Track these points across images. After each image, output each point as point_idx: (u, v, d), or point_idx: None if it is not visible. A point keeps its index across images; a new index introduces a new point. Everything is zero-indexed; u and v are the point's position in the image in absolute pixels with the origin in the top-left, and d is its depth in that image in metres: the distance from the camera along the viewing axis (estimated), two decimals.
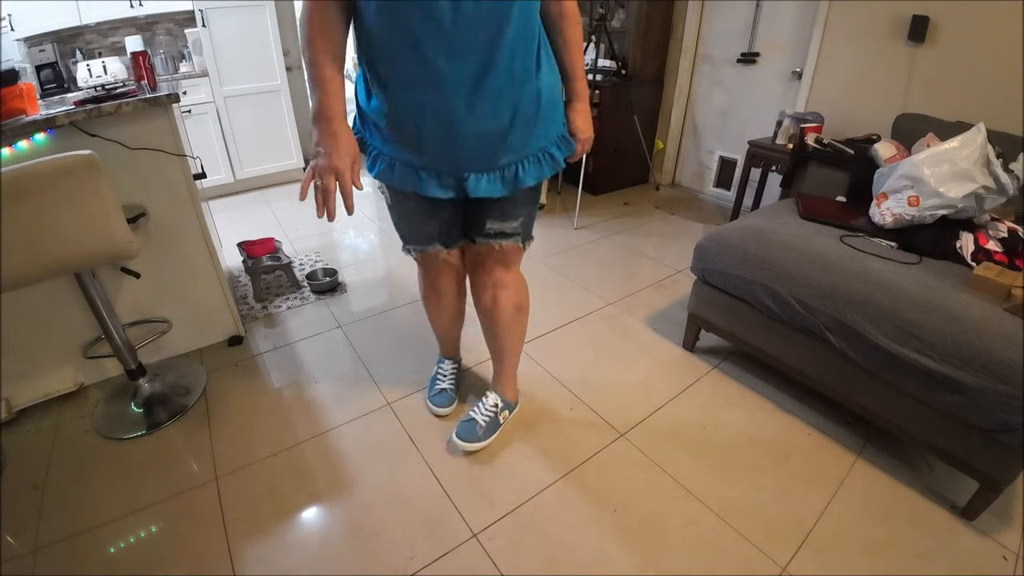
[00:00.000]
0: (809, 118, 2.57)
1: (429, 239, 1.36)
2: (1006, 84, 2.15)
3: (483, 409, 1.56)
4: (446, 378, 1.73)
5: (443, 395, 1.70)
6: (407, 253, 1.43)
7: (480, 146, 1.10)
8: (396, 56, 1.00)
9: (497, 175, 1.15)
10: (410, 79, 1.01)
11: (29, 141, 1.47)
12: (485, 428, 1.54)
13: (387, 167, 1.17)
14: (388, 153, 1.15)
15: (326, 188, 1.03)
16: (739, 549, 1.28)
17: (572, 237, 3.02)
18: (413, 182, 1.16)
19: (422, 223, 1.32)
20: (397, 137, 1.11)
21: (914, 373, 1.34)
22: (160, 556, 1.27)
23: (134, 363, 1.70)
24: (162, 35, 3.61)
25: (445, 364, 1.75)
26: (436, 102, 1.02)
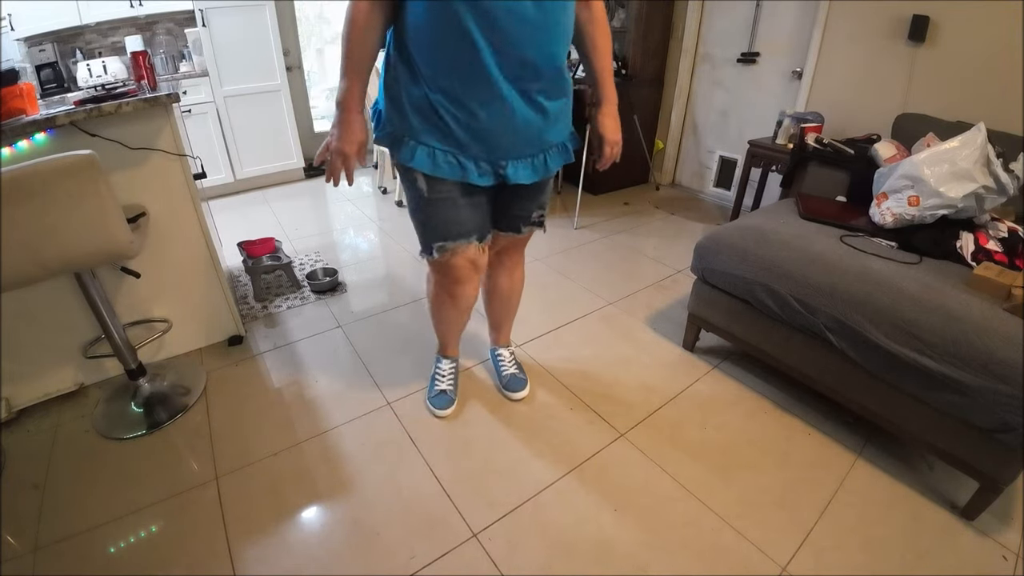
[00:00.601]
0: (809, 118, 2.57)
1: (467, 232, 1.32)
2: (1006, 84, 2.15)
3: (508, 361, 1.80)
4: (445, 379, 1.72)
5: (443, 396, 1.70)
6: (429, 256, 1.35)
7: (523, 136, 1.19)
8: (451, 51, 1.06)
9: (529, 162, 1.25)
10: (465, 72, 1.08)
11: (29, 141, 1.47)
12: (522, 371, 1.80)
13: (428, 157, 1.18)
14: (428, 143, 1.17)
15: (334, 167, 1.17)
16: (739, 549, 1.28)
17: (572, 237, 3.02)
18: (458, 171, 1.20)
19: (462, 215, 1.29)
20: (440, 127, 1.15)
21: (914, 373, 1.34)
22: (160, 556, 1.27)
23: (134, 363, 1.70)
24: (162, 35, 3.61)
25: (444, 364, 1.74)
26: (490, 94, 1.10)
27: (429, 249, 1.34)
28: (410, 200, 1.32)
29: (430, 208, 1.27)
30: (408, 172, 1.24)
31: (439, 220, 1.29)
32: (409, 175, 1.24)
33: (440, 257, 1.34)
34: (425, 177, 1.22)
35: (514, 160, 1.22)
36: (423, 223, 1.32)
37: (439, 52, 1.07)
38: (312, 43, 4.96)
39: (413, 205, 1.31)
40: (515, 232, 1.44)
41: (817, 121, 2.54)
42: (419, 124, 1.16)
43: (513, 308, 1.74)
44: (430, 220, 1.30)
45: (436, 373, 1.74)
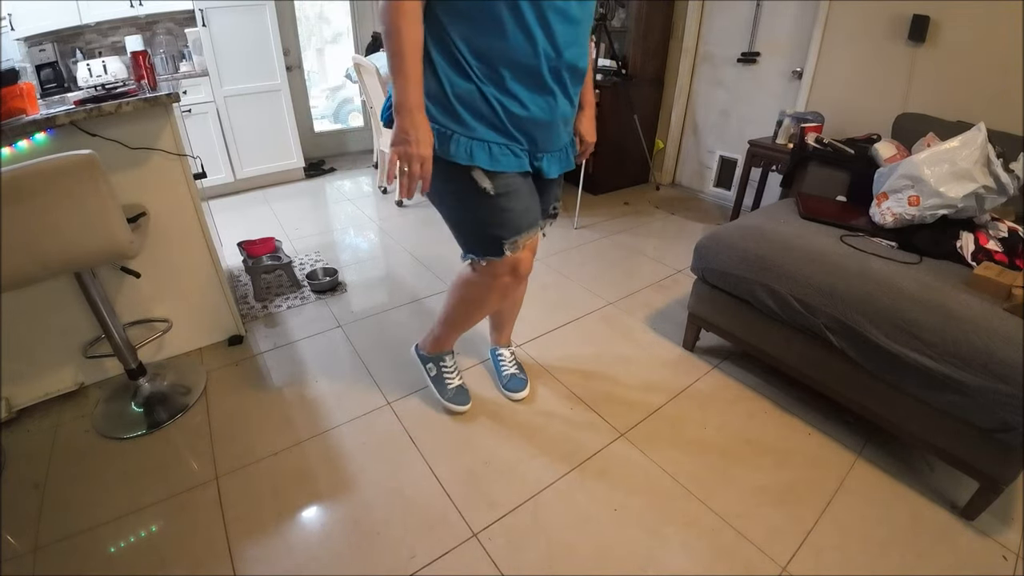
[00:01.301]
0: (809, 118, 2.57)
1: (536, 219, 1.29)
2: (1006, 84, 2.15)
3: (509, 361, 1.81)
4: (455, 373, 1.71)
5: (462, 392, 1.70)
6: (497, 256, 1.26)
7: (558, 131, 1.23)
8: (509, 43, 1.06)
9: (557, 156, 1.29)
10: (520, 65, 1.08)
11: (29, 141, 1.47)
12: (522, 371, 1.81)
13: (485, 152, 1.15)
14: (483, 138, 1.14)
15: (412, 174, 1.10)
16: (739, 549, 1.28)
17: (572, 237, 3.02)
18: (514, 162, 1.19)
19: (530, 202, 1.27)
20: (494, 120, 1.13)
21: (914, 373, 1.34)
22: (160, 556, 1.27)
23: (134, 362, 1.70)
24: (162, 35, 3.61)
25: (449, 360, 1.70)
26: (540, 88, 1.13)
27: (498, 248, 1.25)
28: (462, 201, 1.22)
29: (498, 203, 1.20)
30: (463, 172, 1.16)
31: (512, 213, 1.22)
32: (464, 175, 1.17)
33: (512, 254, 1.26)
34: (486, 173, 1.17)
35: (548, 154, 1.26)
36: (488, 222, 1.23)
37: (496, 44, 1.06)
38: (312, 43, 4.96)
39: (469, 205, 1.22)
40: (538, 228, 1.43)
41: (817, 121, 2.54)
42: (471, 119, 1.12)
43: (519, 307, 1.76)
44: (500, 216, 1.22)
45: (444, 372, 1.69)
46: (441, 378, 1.70)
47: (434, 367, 1.71)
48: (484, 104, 1.11)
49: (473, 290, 1.43)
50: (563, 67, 1.13)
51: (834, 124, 2.64)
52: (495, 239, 1.25)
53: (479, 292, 1.42)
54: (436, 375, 1.70)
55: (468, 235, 1.30)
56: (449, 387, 1.69)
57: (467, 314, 1.54)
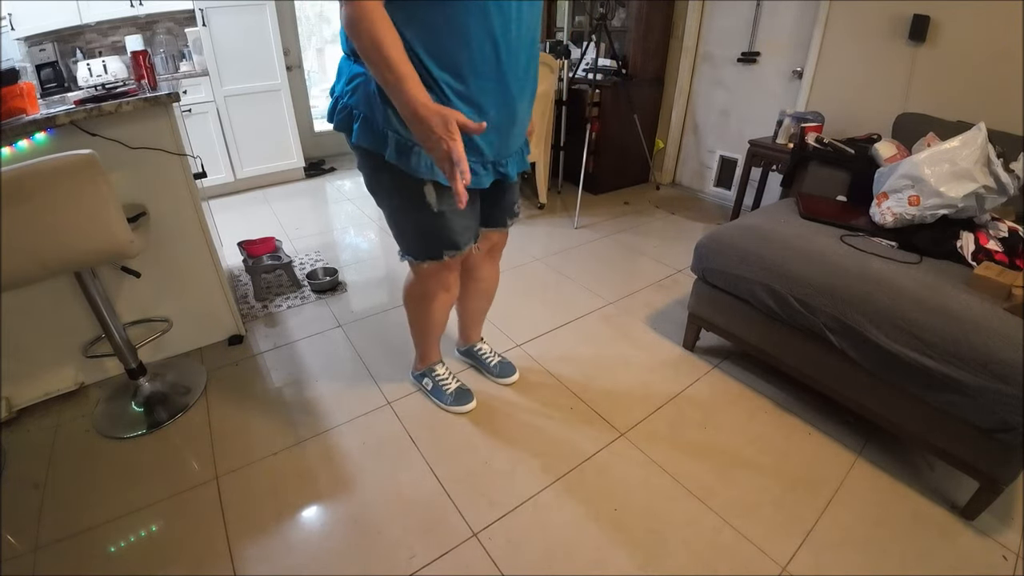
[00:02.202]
0: (809, 117, 2.56)
1: (472, 237, 1.34)
2: (1006, 84, 2.14)
3: (490, 352, 1.87)
4: (450, 378, 1.73)
5: (462, 392, 1.71)
6: (433, 261, 1.32)
7: (519, 133, 1.25)
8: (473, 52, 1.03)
9: (517, 156, 1.31)
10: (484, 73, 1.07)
11: (29, 140, 1.47)
12: (505, 358, 1.88)
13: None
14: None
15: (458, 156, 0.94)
16: (739, 549, 1.28)
17: (572, 236, 3.02)
18: (474, 179, 1.16)
19: (468, 221, 1.30)
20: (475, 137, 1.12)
21: (914, 373, 1.34)
22: (161, 555, 1.27)
23: (134, 362, 1.70)
24: (162, 34, 3.61)
25: (440, 368, 1.74)
26: (504, 95, 1.12)
27: (437, 255, 1.31)
28: (407, 211, 1.25)
29: (439, 220, 1.24)
30: (414, 184, 1.17)
31: (450, 230, 1.26)
32: (415, 188, 1.17)
33: (449, 257, 1.33)
34: (436, 190, 1.18)
35: (510, 157, 1.27)
36: (427, 234, 1.28)
37: (460, 54, 1.03)
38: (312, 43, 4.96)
39: (412, 215, 1.24)
40: (503, 226, 1.49)
41: (817, 121, 2.54)
42: None
43: (490, 304, 1.79)
44: (439, 231, 1.26)
45: (438, 381, 1.72)
46: (438, 387, 1.71)
47: (429, 380, 1.74)
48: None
49: (415, 290, 1.50)
50: (521, 69, 1.12)
51: (834, 124, 2.63)
52: (430, 249, 1.31)
53: (421, 290, 1.48)
54: (433, 386, 1.73)
55: (409, 241, 1.34)
56: (447, 392, 1.70)
57: (425, 316, 1.56)
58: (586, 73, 3.44)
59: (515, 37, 1.07)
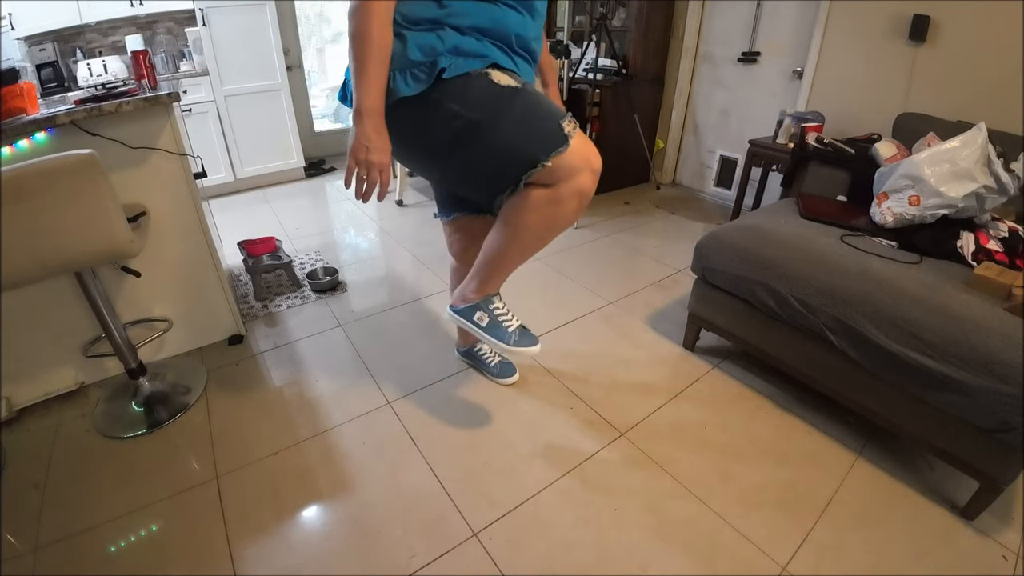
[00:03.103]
0: (810, 117, 2.56)
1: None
2: (1007, 84, 2.15)
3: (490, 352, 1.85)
4: (510, 313, 1.39)
5: (526, 332, 1.38)
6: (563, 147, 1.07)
7: None
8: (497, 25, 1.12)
9: None
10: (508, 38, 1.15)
11: (30, 140, 1.47)
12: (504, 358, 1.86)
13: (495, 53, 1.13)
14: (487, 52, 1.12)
15: (371, 180, 1.11)
16: (739, 549, 1.28)
17: (572, 236, 3.02)
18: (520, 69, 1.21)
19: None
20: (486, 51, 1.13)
21: (914, 373, 1.34)
22: (161, 555, 1.27)
23: (135, 362, 1.70)
24: (162, 34, 3.61)
25: (498, 301, 1.39)
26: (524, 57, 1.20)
27: (561, 135, 1.07)
28: (495, 118, 1.08)
29: (530, 94, 1.11)
30: (482, 84, 1.07)
31: (546, 99, 1.13)
32: (484, 88, 1.07)
33: (575, 133, 1.10)
34: (503, 72, 1.11)
35: None
36: (534, 115, 1.09)
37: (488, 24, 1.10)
38: (312, 42, 4.96)
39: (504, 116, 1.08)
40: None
41: (818, 120, 2.54)
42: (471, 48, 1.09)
43: None
44: (538, 104, 1.11)
45: (498, 315, 1.37)
46: (497, 322, 1.36)
47: (485, 314, 1.37)
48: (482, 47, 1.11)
49: (543, 211, 1.16)
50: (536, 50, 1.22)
51: (834, 124, 2.63)
52: (549, 126, 1.08)
53: (552, 209, 1.15)
54: (490, 321, 1.36)
55: (518, 148, 1.09)
56: (510, 329, 1.36)
57: (531, 246, 1.27)
58: (586, 73, 3.44)
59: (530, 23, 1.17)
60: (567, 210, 1.16)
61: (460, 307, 1.39)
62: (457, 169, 1.20)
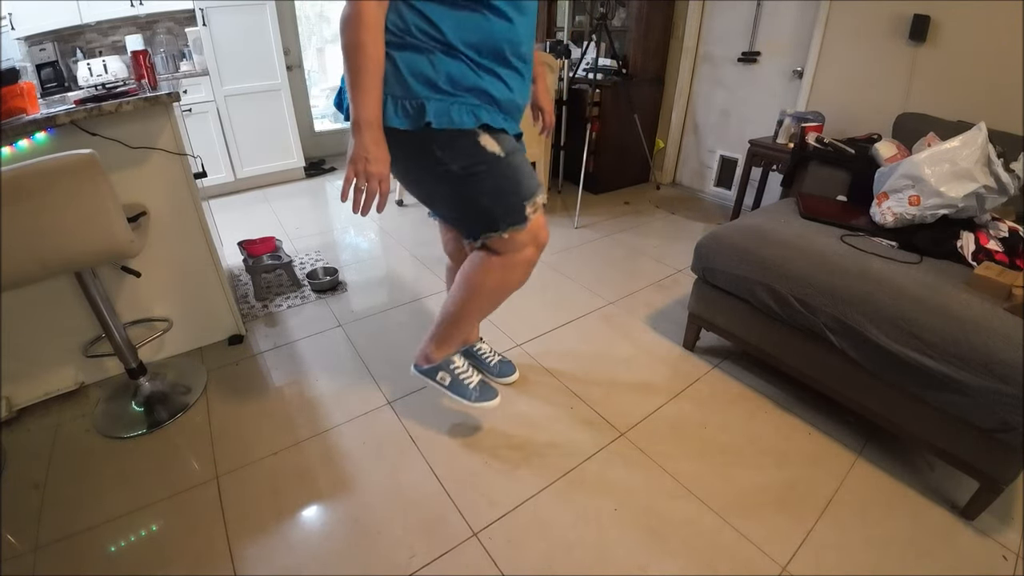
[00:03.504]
0: (810, 117, 2.56)
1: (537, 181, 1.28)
2: (1007, 84, 2.14)
3: (490, 352, 1.83)
4: (469, 370, 1.54)
5: (486, 386, 1.54)
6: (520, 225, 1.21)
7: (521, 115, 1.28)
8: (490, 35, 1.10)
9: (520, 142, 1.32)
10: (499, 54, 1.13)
11: (30, 140, 1.47)
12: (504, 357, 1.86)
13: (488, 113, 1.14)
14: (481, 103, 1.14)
15: (371, 192, 1.11)
16: (739, 549, 1.28)
17: (572, 236, 3.02)
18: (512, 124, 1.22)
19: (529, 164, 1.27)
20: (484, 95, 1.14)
21: (914, 372, 1.34)
22: (161, 555, 1.27)
23: (135, 362, 1.70)
24: (162, 34, 3.61)
25: (458, 359, 1.53)
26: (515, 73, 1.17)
27: (520, 213, 1.19)
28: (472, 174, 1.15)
29: (510, 164, 1.17)
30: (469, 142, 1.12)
31: (523, 173, 1.20)
32: (470, 145, 1.12)
33: (533, 216, 1.22)
34: (492, 135, 1.14)
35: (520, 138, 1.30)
36: (503, 188, 1.18)
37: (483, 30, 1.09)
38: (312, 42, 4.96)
39: (480, 176, 1.15)
40: None
41: (818, 120, 2.54)
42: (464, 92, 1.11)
43: None
44: (514, 177, 1.18)
45: (459, 374, 1.51)
46: (458, 381, 1.50)
47: (446, 374, 1.50)
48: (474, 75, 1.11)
49: (496, 274, 1.29)
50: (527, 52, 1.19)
51: (835, 124, 2.63)
52: (514, 205, 1.19)
53: (503, 274, 1.30)
54: (452, 380, 1.50)
55: (483, 210, 1.20)
56: (471, 386, 1.51)
57: (487, 304, 1.40)
58: (586, 73, 3.44)
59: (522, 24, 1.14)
60: (518, 275, 1.33)
61: (424, 367, 1.52)
62: (432, 198, 1.31)
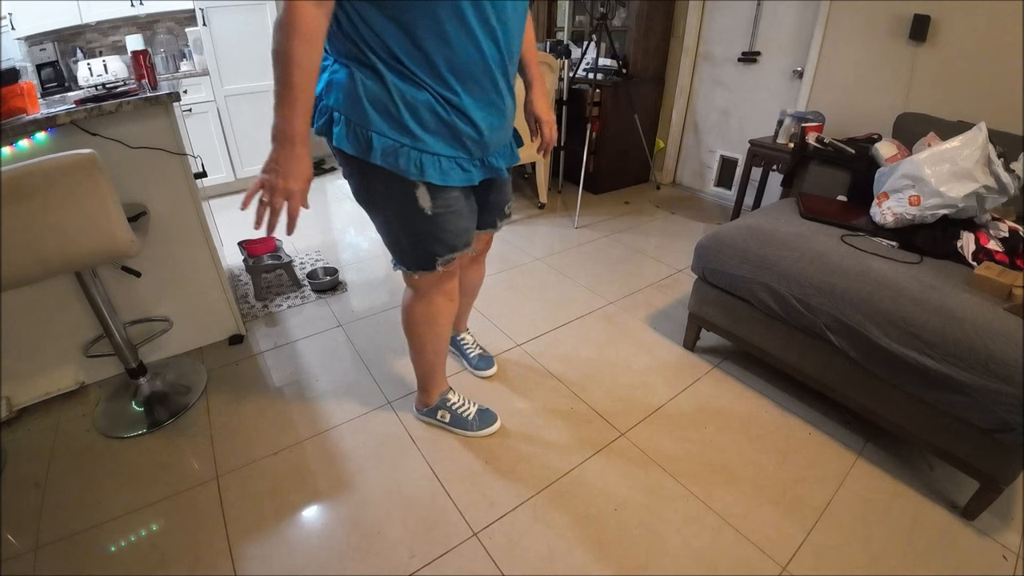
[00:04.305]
0: (810, 117, 2.56)
1: (471, 239, 1.29)
2: (1007, 83, 2.14)
3: (472, 344, 1.89)
4: (465, 401, 1.63)
5: (484, 413, 1.62)
6: (429, 271, 1.26)
7: (508, 127, 1.23)
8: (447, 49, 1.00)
9: (505, 150, 1.29)
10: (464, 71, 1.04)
11: (30, 140, 1.47)
12: (486, 351, 1.91)
13: (436, 168, 1.09)
14: (433, 151, 1.08)
15: (274, 208, 0.99)
16: (739, 549, 1.28)
17: (573, 236, 3.02)
18: (463, 176, 1.16)
19: (466, 222, 1.24)
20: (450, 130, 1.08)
21: (915, 372, 1.34)
22: (161, 554, 1.27)
23: (135, 362, 1.71)
24: (163, 34, 3.61)
25: (452, 395, 1.62)
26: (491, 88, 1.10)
27: (431, 264, 1.24)
28: (400, 217, 1.18)
29: (434, 224, 1.18)
30: (407, 188, 1.12)
31: (446, 233, 1.20)
32: (407, 193, 1.12)
33: (445, 267, 1.27)
34: (430, 191, 1.13)
35: (496, 153, 1.24)
36: (422, 241, 1.21)
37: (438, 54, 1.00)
38: None
39: (406, 222, 1.18)
40: (493, 228, 1.45)
41: (818, 120, 2.54)
42: (420, 130, 1.05)
43: (475, 297, 1.81)
44: (435, 235, 1.20)
45: (456, 409, 1.60)
46: (457, 416, 1.60)
47: (446, 412, 1.60)
48: (435, 114, 1.05)
49: (416, 306, 1.38)
50: (508, 65, 1.11)
51: (835, 124, 2.63)
52: (428, 256, 1.24)
53: (422, 306, 1.38)
54: (451, 417, 1.60)
55: (402, 248, 1.26)
56: (469, 418, 1.60)
57: (433, 336, 1.45)
58: (586, 73, 3.44)
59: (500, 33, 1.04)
60: (437, 307, 1.39)
61: (423, 410, 1.64)
62: (370, 215, 1.29)
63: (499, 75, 1.10)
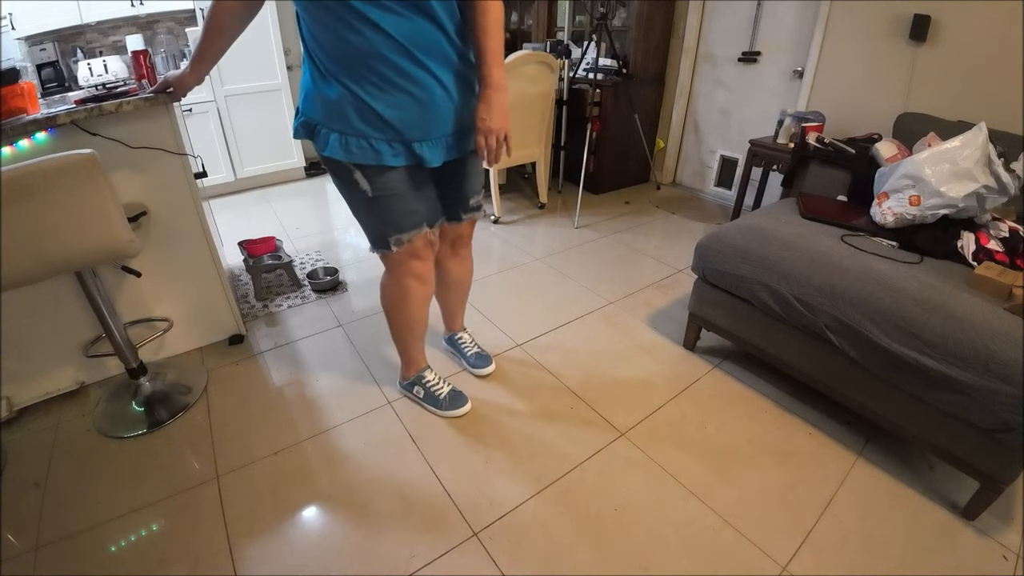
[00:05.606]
0: (810, 117, 2.56)
1: (419, 221, 1.35)
2: (1007, 83, 2.14)
3: (469, 343, 1.90)
4: (441, 383, 1.71)
5: (455, 395, 1.69)
6: (386, 250, 1.37)
7: (440, 116, 1.22)
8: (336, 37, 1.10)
9: (441, 142, 1.27)
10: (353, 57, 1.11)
11: (30, 140, 1.47)
12: (483, 350, 1.90)
13: (340, 145, 1.19)
14: (340, 129, 1.18)
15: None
16: (739, 549, 1.28)
17: (573, 236, 3.02)
18: (373, 155, 1.20)
19: (413, 204, 1.32)
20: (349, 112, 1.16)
21: (915, 373, 1.34)
22: (161, 554, 1.27)
23: (135, 362, 1.71)
24: (163, 34, 3.62)
25: (428, 374, 1.71)
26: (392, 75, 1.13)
27: (385, 244, 1.36)
28: (354, 201, 1.32)
29: (376, 205, 1.28)
30: (348, 172, 1.23)
31: (391, 213, 1.30)
32: (347, 173, 1.24)
33: (399, 248, 1.36)
34: (364, 174, 1.23)
35: (427, 142, 1.23)
36: (373, 220, 1.34)
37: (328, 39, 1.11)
38: None
39: (359, 205, 1.32)
40: (458, 220, 1.50)
41: (818, 120, 2.54)
42: (332, 112, 1.17)
43: (466, 295, 1.82)
44: (380, 215, 1.31)
45: (429, 387, 1.69)
46: (430, 393, 1.69)
47: (419, 388, 1.71)
48: (341, 98, 1.14)
49: (389, 288, 1.51)
50: (413, 52, 1.11)
51: (835, 124, 2.63)
52: (381, 235, 1.35)
53: (392, 291, 1.50)
54: (425, 394, 1.70)
55: (364, 230, 1.40)
56: (440, 397, 1.67)
57: (403, 313, 1.54)
58: (587, 73, 3.44)
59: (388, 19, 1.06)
60: (406, 286, 1.47)
61: (402, 384, 1.75)
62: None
63: (402, 61, 1.11)
